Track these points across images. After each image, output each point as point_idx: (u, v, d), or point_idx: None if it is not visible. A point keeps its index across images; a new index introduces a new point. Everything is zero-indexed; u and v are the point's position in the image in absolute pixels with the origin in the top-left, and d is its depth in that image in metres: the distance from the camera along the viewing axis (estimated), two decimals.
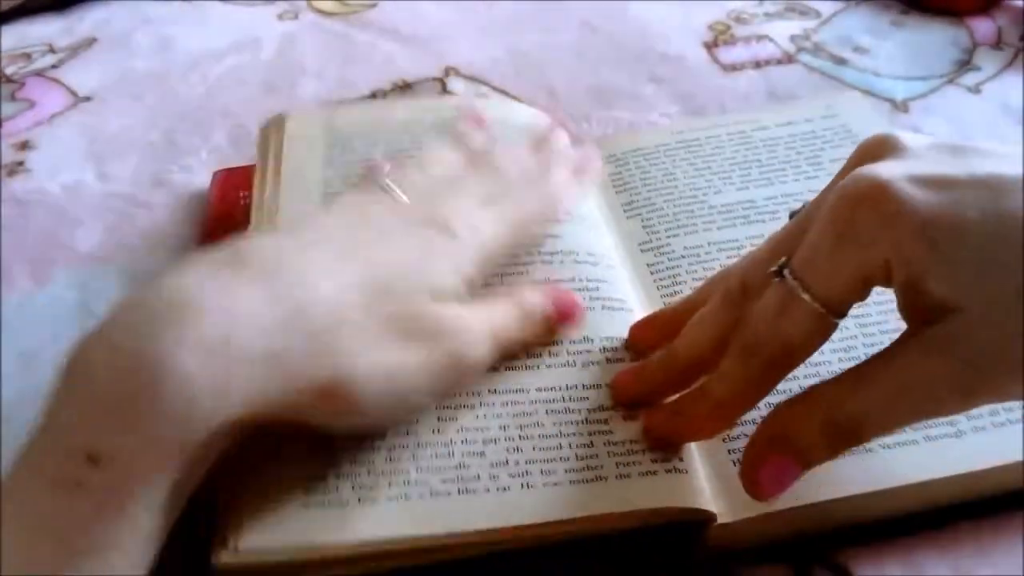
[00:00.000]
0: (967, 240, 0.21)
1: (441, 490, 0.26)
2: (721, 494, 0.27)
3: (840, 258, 0.23)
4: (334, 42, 0.57)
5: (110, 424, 0.20)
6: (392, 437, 0.28)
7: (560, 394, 0.29)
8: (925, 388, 0.22)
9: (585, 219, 0.36)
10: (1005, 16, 0.55)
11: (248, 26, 0.59)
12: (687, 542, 0.27)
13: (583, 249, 0.34)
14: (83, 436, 0.20)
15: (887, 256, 0.22)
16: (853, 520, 0.27)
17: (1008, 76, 0.50)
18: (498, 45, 0.55)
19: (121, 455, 0.20)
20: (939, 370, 0.22)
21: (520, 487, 0.26)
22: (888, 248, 0.22)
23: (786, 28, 0.55)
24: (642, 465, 0.27)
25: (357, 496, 0.26)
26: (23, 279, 0.40)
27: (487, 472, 0.27)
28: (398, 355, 0.25)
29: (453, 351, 0.26)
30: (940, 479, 0.27)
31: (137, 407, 0.20)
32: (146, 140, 0.48)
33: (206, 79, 0.53)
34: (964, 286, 0.21)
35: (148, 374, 0.20)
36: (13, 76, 0.55)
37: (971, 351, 0.22)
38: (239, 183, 0.42)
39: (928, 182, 0.22)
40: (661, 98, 0.50)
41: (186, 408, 0.21)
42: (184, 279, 0.23)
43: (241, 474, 0.26)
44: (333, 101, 0.51)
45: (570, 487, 0.26)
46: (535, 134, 0.37)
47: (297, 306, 0.23)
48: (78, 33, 0.59)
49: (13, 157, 0.47)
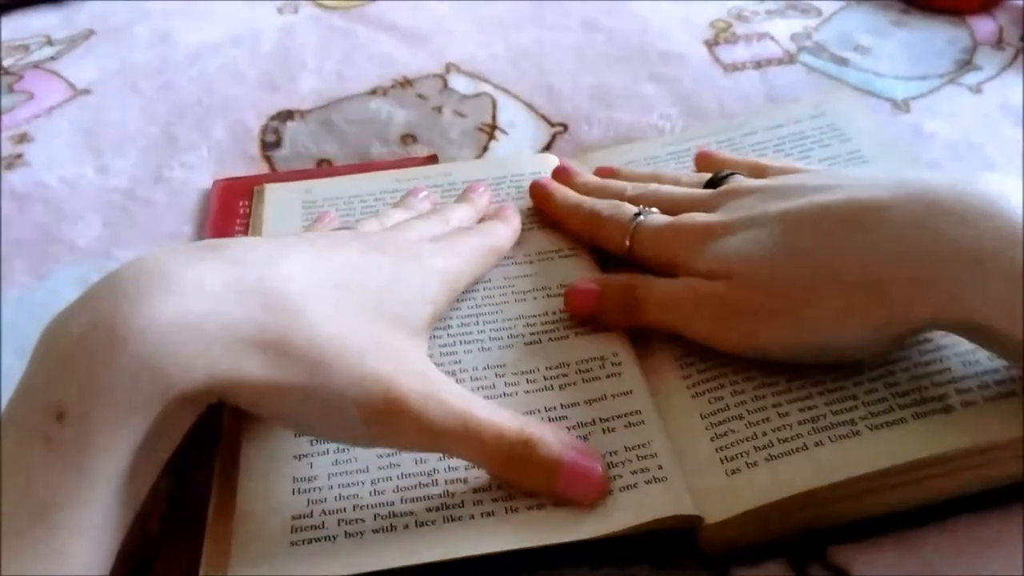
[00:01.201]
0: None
1: (426, 519, 0.26)
2: (705, 497, 0.27)
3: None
4: (334, 37, 0.57)
5: (76, 384, 0.22)
6: (377, 470, 0.28)
7: (539, 416, 0.30)
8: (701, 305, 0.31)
9: (557, 251, 0.37)
10: (1006, 15, 0.55)
11: (247, 19, 0.58)
12: (678, 546, 0.27)
13: (554, 283, 0.35)
14: (51, 394, 0.22)
15: None
16: (847, 517, 0.27)
17: (1009, 76, 0.50)
18: (499, 42, 0.55)
19: (85, 413, 0.21)
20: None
21: (504, 511, 0.26)
22: None
23: (787, 26, 0.55)
24: (623, 479, 0.27)
25: (343, 531, 0.26)
26: (22, 274, 0.40)
27: (471, 498, 0.27)
28: (358, 339, 0.26)
29: (394, 390, 0.25)
30: (932, 457, 0.26)
31: (99, 368, 0.22)
32: (145, 134, 0.48)
33: (205, 73, 0.53)
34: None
35: (111, 338, 0.22)
36: (11, 68, 0.55)
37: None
38: (240, 193, 0.42)
39: None
40: (661, 98, 0.49)
41: (146, 372, 0.22)
42: (157, 256, 0.24)
43: (227, 513, 0.27)
44: (334, 100, 0.51)
45: (553, 510, 0.26)
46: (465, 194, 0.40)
47: (263, 286, 0.24)
48: (76, 25, 0.59)
49: (11, 150, 0.47)
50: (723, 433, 0.28)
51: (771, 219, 0.30)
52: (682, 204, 0.34)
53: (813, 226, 0.29)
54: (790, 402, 0.29)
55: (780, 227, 0.29)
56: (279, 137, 0.48)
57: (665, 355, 0.32)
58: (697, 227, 0.32)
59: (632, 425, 0.29)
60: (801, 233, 0.29)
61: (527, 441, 0.26)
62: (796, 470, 0.26)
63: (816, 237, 0.29)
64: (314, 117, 0.49)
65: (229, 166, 0.45)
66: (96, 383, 0.21)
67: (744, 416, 0.29)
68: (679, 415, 0.29)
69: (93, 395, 0.21)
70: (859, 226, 0.28)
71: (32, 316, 0.37)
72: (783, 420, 0.28)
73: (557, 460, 0.26)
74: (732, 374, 0.30)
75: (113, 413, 0.21)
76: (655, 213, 0.34)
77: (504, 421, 0.26)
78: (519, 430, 0.26)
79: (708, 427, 0.29)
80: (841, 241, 0.28)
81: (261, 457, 0.29)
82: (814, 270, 0.28)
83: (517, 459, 0.26)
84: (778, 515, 0.26)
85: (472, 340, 0.33)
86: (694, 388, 0.30)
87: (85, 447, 0.21)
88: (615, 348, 0.32)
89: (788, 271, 0.29)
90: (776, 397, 0.29)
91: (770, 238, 0.29)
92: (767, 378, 0.29)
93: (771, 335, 0.29)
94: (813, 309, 0.28)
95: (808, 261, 0.28)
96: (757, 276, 0.29)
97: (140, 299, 0.22)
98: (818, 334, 0.28)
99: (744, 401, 0.29)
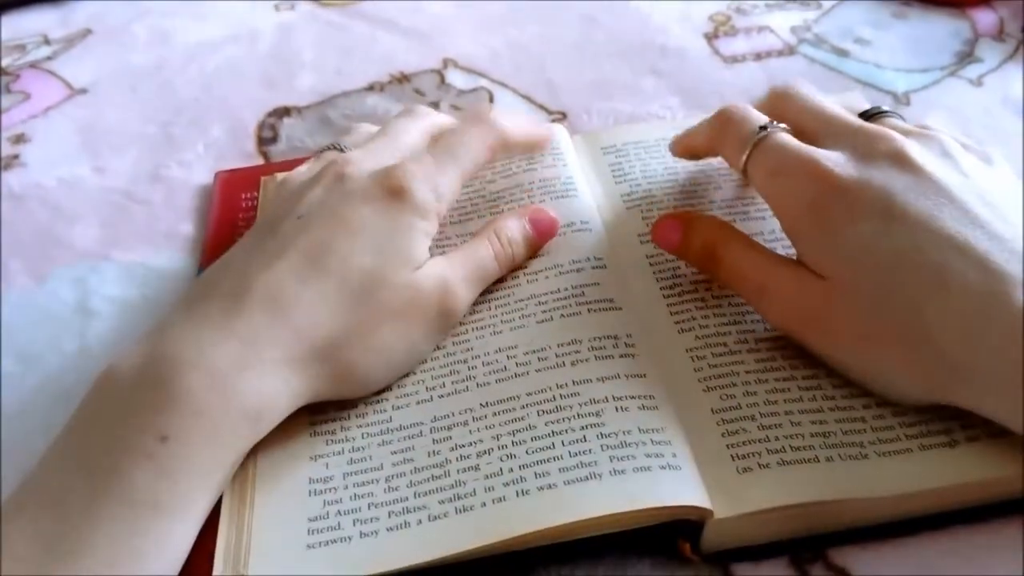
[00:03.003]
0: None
1: (439, 512, 0.26)
2: (715, 491, 0.27)
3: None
4: (332, 33, 0.56)
5: (178, 414, 0.26)
6: (391, 467, 0.28)
7: (551, 394, 0.29)
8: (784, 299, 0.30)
9: (568, 226, 0.36)
10: (1007, 7, 0.54)
11: (245, 17, 0.58)
12: (684, 537, 0.27)
13: (566, 260, 0.35)
14: (159, 420, 0.25)
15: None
16: (853, 523, 0.27)
17: (1010, 68, 0.50)
18: (497, 37, 0.55)
19: (188, 439, 0.26)
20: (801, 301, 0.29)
21: (516, 495, 0.26)
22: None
23: (787, 19, 0.55)
24: (636, 460, 0.27)
25: (359, 531, 0.26)
26: (21, 276, 0.39)
27: (482, 485, 0.27)
28: (389, 337, 0.30)
29: (436, 311, 0.31)
30: (934, 490, 0.27)
31: (199, 402, 0.26)
32: (143, 133, 0.48)
33: (203, 71, 0.53)
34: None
35: (221, 387, 0.26)
36: (8, 68, 0.54)
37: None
38: (242, 184, 0.42)
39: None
40: (661, 90, 0.49)
41: (240, 402, 0.27)
42: (207, 326, 0.28)
43: (241, 515, 0.27)
44: (331, 96, 0.50)
45: (565, 488, 0.26)
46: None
47: (303, 325, 0.28)
48: (73, 24, 0.58)
49: (9, 150, 0.47)
50: (735, 431, 0.28)
51: (908, 218, 0.27)
52: (830, 123, 0.31)
53: (938, 267, 0.26)
54: (801, 412, 0.28)
55: (908, 245, 0.27)
56: (275, 133, 0.48)
57: (675, 345, 0.31)
58: (821, 173, 0.29)
59: (646, 408, 0.29)
60: (922, 270, 0.26)
61: (501, 241, 0.34)
62: (808, 480, 0.26)
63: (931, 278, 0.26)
64: (311, 113, 0.49)
65: (226, 163, 0.45)
66: (198, 418, 0.26)
67: (756, 418, 0.28)
68: (689, 407, 0.29)
69: (195, 429, 0.26)
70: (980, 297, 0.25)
71: (32, 319, 0.37)
72: (795, 429, 0.28)
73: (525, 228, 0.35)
74: (744, 374, 0.30)
75: (213, 442, 0.26)
76: (784, 133, 0.31)
77: (484, 250, 0.33)
78: (493, 245, 0.34)
79: (720, 423, 0.28)
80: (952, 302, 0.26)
81: (277, 458, 0.29)
82: (914, 317, 0.26)
83: (507, 259, 0.34)
84: (783, 516, 0.26)
85: (484, 326, 0.32)
86: (705, 382, 0.30)
87: (183, 464, 0.25)
88: (630, 330, 0.31)
89: (895, 307, 0.27)
90: (788, 404, 0.29)
91: (891, 246, 0.27)
92: (779, 383, 0.29)
93: (845, 358, 0.29)
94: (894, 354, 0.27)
95: (912, 303, 0.26)
96: (857, 299, 0.27)
97: (214, 348, 0.27)
98: (878, 383, 0.28)
99: (756, 403, 0.29)
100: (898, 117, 0.33)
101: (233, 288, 0.29)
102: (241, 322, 0.28)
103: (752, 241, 0.32)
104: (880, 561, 0.27)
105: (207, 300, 0.29)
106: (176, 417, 0.25)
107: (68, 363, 0.35)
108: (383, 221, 0.30)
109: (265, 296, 0.28)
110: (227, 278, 0.29)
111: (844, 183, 0.28)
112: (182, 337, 0.27)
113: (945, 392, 0.27)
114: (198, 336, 0.27)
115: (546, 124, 0.44)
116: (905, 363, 0.27)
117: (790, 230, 0.30)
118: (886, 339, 0.27)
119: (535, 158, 0.39)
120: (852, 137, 0.30)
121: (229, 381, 0.26)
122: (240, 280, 0.29)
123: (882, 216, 0.27)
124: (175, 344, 0.27)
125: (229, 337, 0.27)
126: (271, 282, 0.29)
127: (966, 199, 0.27)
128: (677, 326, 0.32)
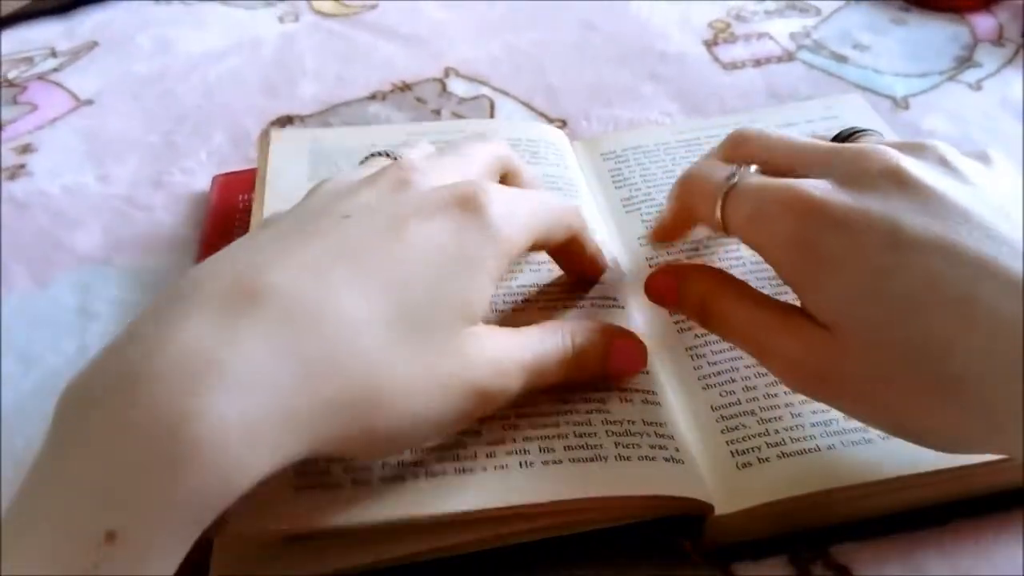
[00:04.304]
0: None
1: (437, 470, 0.26)
2: (717, 487, 0.27)
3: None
4: (334, 43, 0.57)
5: (132, 499, 0.19)
6: None
7: None
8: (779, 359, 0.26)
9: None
10: (1006, 12, 0.55)
11: (248, 27, 0.59)
12: (684, 536, 0.27)
13: None
14: (102, 513, 0.18)
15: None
16: (853, 516, 0.27)
17: (1009, 72, 0.50)
18: (498, 44, 0.55)
19: (140, 532, 0.18)
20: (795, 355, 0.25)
21: (519, 465, 0.26)
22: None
23: (786, 26, 0.55)
24: (641, 449, 0.27)
25: (350, 478, 0.25)
26: (23, 281, 0.40)
27: (484, 450, 0.26)
28: (424, 398, 0.23)
29: (479, 386, 0.24)
30: (937, 472, 0.26)
31: (162, 486, 0.19)
32: (146, 142, 0.48)
33: (206, 81, 0.54)
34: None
35: (172, 452, 0.19)
36: (15, 80, 0.55)
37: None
38: (239, 186, 0.42)
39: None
40: (660, 96, 0.49)
41: (212, 484, 0.19)
42: (196, 336, 0.21)
43: None
44: (333, 105, 0.51)
45: (570, 465, 0.26)
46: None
47: (321, 359, 0.22)
48: (79, 36, 0.59)
49: (14, 160, 0.48)
50: (734, 427, 0.28)
51: (919, 246, 0.23)
52: (803, 152, 0.27)
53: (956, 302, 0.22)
54: (801, 403, 0.28)
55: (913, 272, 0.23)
56: None
57: (675, 344, 0.31)
58: (807, 205, 0.24)
59: (649, 403, 0.29)
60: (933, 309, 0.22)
61: (574, 345, 0.27)
62: (809, 470, 0.26)
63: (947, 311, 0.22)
64: (313, 122, 0.49)
65: (228, 170, 0.45)
66: (158, 503, 0.19)
67: (756, 412, 0.28)
68: (689, 404, 0.29)
69: (153, 519, 0.19)
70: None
71: (33, 323, 0.37)
72: (795, 420, 0.28)
73: (606, 345, 0.28)
74: (743, 369, 0.30)
75: (172, 533, 0.19)
76: (755, 174, 0.27)
77: (552, 344, 0.27)
78: (563, 343, 0.27)
79: (719, 419, 0.28)
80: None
81: None
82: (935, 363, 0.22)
83: (573, 365, 0.27)
84: (784, 512, 0.26)
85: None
86: (704, 380, 0.30)
87: (138, 566, 0.18)
88: (632, 328, 0.31)
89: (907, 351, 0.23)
90: (788, 396, 0.29)
91: (904, 282, 0.23)
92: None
93: (869, 417, 0.25)
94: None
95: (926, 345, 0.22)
96: (870, 349, 0.23)
97: (197, 396, 0.19)
98: (916, 440, 0.24)
99: (756, 398, 0.29)
100: (877, 135, 0.30)
101: (232, 288, 0.22)
102: (236, 344, 0.21)
103: (745, 291, 0.27)
104: (881, 559, 0.27)
105: (191, 304, 0.22)
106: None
107: (68, 363, 0.35)
108: (448, 242, 0.25)
109: (278, 305, 0.22)
110: (222, 277, 0.23)
111: (837, 213, 0.24)
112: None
113: (984, 444, 0.23)
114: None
115: (551, 128, 0.44)
116: (937, 416, 0.23)
117: (786, 278, 0.26)
118: (911, 391, 0.23)
119: (539, 154, 0.40)
120: (835, 160, 0.26)
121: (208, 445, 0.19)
122: (241, 280, 0.22)
123: (888, 247, 0.23)
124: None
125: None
126: (281, 282, 0.22)
127: (981, 213, 0.23)
128: (677, 325, 0.32)
